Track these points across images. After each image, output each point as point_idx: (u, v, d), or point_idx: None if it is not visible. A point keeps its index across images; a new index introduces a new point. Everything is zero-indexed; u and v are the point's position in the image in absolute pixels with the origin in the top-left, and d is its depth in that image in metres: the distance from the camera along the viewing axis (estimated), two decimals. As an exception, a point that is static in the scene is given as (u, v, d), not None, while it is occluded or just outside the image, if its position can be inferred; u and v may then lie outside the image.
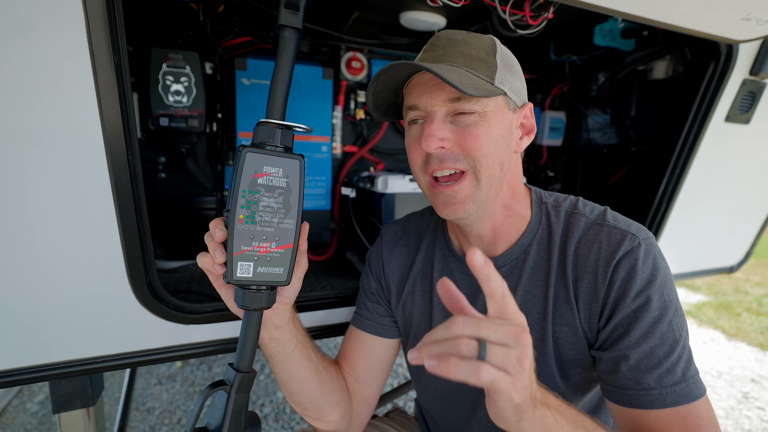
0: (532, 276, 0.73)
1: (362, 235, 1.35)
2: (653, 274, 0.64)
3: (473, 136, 0.65)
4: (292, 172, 0.59)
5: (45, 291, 0.80)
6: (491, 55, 0.67)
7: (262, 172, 0.57)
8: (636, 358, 0.62)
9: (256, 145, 0.58)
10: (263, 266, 0.59)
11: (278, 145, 0.59)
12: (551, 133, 1.81)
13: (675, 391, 0.61)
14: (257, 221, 0.58)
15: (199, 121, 1.24)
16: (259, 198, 0.57)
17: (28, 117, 0.69)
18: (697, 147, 1.29)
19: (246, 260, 0.58)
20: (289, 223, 0.60)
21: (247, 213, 0.57)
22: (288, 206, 0.60)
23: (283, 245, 0.60)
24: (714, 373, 2.82)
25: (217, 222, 0.59)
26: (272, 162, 0.58)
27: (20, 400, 2.24)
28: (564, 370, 0.71)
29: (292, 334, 0.71)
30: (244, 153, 0.57)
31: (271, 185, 0.58)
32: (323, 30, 1.35)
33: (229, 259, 0.57)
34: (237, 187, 0.56)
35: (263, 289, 0.61)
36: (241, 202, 0.56)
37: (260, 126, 0.59)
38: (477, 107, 0.65)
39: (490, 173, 0.67)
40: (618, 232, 0.67)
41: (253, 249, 0.58)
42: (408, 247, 0.90)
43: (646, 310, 0.62)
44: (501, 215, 0.75)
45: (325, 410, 0.78)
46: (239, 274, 0.58)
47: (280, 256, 0.60)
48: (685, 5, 0.90)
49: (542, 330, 0.71)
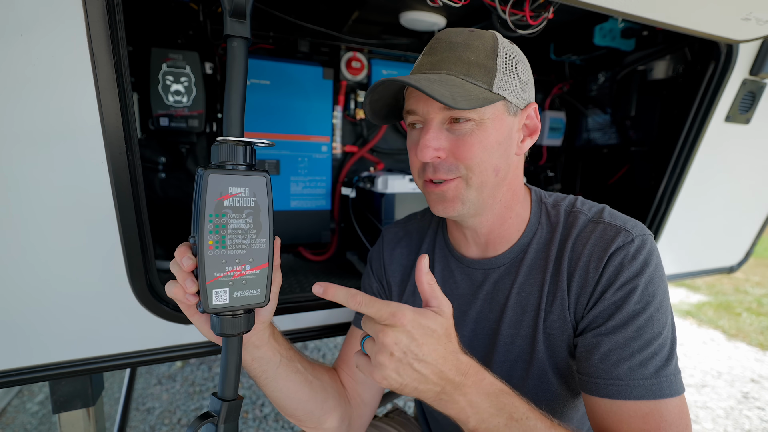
0: (528, 274, 0.73)
1: (362, 235, 1.35)
2: (642, 268, 0.64)
3: (467, 145, 0.66)
4: (259, 190, 0.57)
5: (45, 291, 0.80)
6: (491, 58, 0.66)
7: (227, 193, 0.54)
8: (608, 346, 0.62)
9: (218, 166, 0.55)
10: (239, 290, 0.57)
11: (241, 163, 0.56)
12: (551, 133, 1.82)
13: (642, 385, 0.60)
14: (228, 245, 0.55)
15: (199, 121, 1.24)
16: (228, 220, 0.54)
17: (28, 117, 0.69)
18: (697, 147, 1.29)
19: (221, 287, 0.55)
20: (261, 242, 0.57)
21: (216, 238, 0.54)
22: (258, 225, 0.57)
23: (257, 266, 0.58)
24: (714, 373, 2.82)
25: (183, 249, 0.57)
26: (237, 182, 0.55)
27: (20, 400, 2.24)
28: (557, 367, 0.71)
29: (274, 351, 0.70)
30: (206, 175, 0.53)
31: (239, 206, 0.55)
32: (323, 30, 1.35)
33: (203, 288, 0.54)
34: (203, 212, 0.53)
35: (240, 314, 0.58)
36: (209, 227, 0.53)
37: (219, 145, 0.56)
38: (473, 115, 0.65)
39: (482, 180, 0.68)
40: (613, 229, 0.67)
41: (227, 274, 0.55)
42: (409, 248, 0.90)
43: (627, 301, 0.62)
44: (500, 216, 0.75)
45: (322, 418, 0.77)
46: (215, 302, 0.55)
47: (256, 277, 0.58)
48: (685, 5, 0.90)
49: (535, 326, 0.71)
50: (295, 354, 0.75)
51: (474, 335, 0.79)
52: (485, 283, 0.77)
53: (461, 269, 0.81)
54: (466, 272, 0.80)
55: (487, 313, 0.77)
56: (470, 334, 0.79)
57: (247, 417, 2.18)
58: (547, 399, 0.73)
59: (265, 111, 1.29)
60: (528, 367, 0.72)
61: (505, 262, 0.76)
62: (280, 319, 1.07)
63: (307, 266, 1.40)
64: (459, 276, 0.81)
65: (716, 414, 2.38)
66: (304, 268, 1.38)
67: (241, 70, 0.58)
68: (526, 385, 0.73)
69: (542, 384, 0.72)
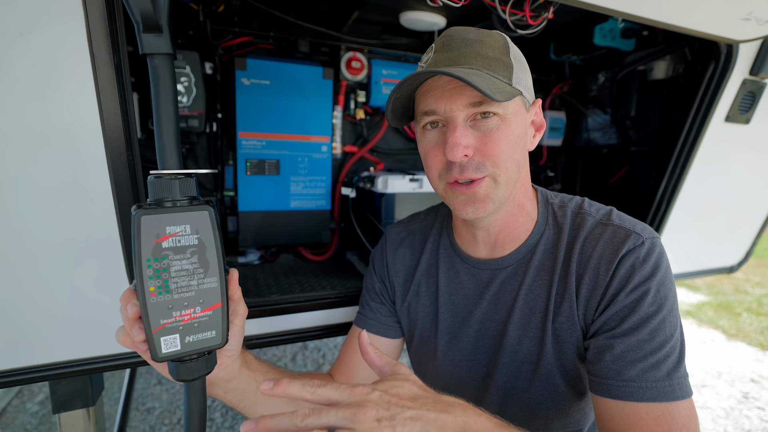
0: (536, 275, 0.73)
1: (362, 235, 1.35)
2: (653, 271, 0.64)
3: (495, 141, 0.64)
4: (202, 225, 0.51)
5: (45, 291, 0.80)
6: (506, 54, 0.66)
7: (165, 234, 0.49)
8: (621, 348, 0.62)
9: (154, 204, 0.50)
10: (191, 334, 0.52)
11: (179, 198, 0.51)
12: (551, 133, 1.82)
13: (655, 387, 0.60)
14: (173, 289, 0.50)
15: (199, 121, 1.24)
16: (169, 263, 0.49)
17: (28, 117, 0.69)
18: (697, 147, 1.29)
19: (169, 333, 0.50)
20: (211, 281, 0.53)
21: (158, 283, 0.49)
22: (206, 264, 0.52)
23: (209, 306, 0.53)
24: (714, 373, 2.82)
25: (127, 296, 0.52)
26: (175, 220, 0.50)
27: (20, 400, 2.24)
28: (564, 369, 0.71)
29: (248, 380, 0.68)
30: (138, 216, 0.48)
31: (180, 246, 0.50)
32: (323, 30, 1.35)
33: (149, 337, 0.49)
34: (139, 257, 0.48)
35: (195, 358, 0.54)
36: (148, 273, 0.48)
37: (154, 180, 0.50)
38: (499, 110, 0.64)
39: (508, 176, 0.67)
40: (622, 231, 0.67)
41: (175, 320, 0.50)
42: (413, 248, 0.90)
43: (641, 304, 0.62)
44: (514, 213, 0.75)
45: None
46: (165, 351, 0.50)
47: (209, 318, 0.53)
48: (685, 5, 0.90)
49: (543, 328, 0.71)
50: (275, 374, 0.73)
51: (479, 336, 0.79)
52: (492, 284, 0.77)
53: (467, 269, 0.81)
54: (472, 272, 0.80)
55: (493, 313, 0.77)
56: (475, 335, 0.79)
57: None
58: (553, 400, 0.72)
59: (265, 111, 1.30)
60: (535, 368, 0.72)
61: (513, 262, 0.76)
62: (280, 319, 1.07)
63: (307, 266, 1.40)
64: (464, 276, 0.81)
65: (716, 414, 2.38)
66: (304, 268, 1.38)
67: (169, 91, 0.52)
68: (533, 387, 0.73)
69: (549, 386, 0.72)
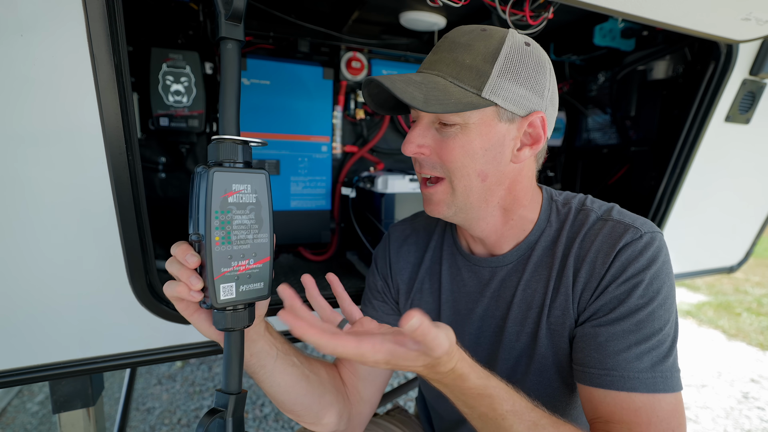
0: (534, 271, 0.74)
1: (362, 235, 1.35)
2: (648, 264, 0.64)
3: (448, 148, 0.67)
4: (260, 186, 0.59)
5: (45, 291, 0.80)
6: (489, 62, 0.64)
7: (231, 190, 0.56)
8: (605, 337, 0.62)
9: (218, 164, 0.57)
10: (245, 284, 0.59)
11: (240, 161, 0.58)
12: (551, 133, 1.82)
13: (637, 377, 0.60)
14: (233, 240, 0.57)
15: (199, 121, 1.24)
16: (232, 217, 0.57)
17: (28, 117, 0.69)
18: (697, 147, 1.29)
19: (228, 281, 0.57)
20: (263, 237, 0.60)
21: (222, 234, 0.56)
22: (260, 221, 0.60)
23: (260, 260, 0.60)
24: (714, 373, 2.82)
25: (185, 248, 0.57)
26: (240, 179, 0.57)
27: (20, 400, 2.24)
28: (559, 363, 0.72)
29: (270, 344, 0.71)
30: (212, 173, 0.55)
31: (242, 202, 0.58)
32: (323, 30, 1.35)
33: (210, 284, 0.56)
34: (209, 209, 0.55)
35: (241, 308, 0.60)
36: (215, 224, 0.55)
37: (219, 143, 0.57)
38: (458, 119, 0.65)
39: (466, 184, 0.69)
40: (621, 226, 0.67)
41: (234, 269, 0.57)
42: (417, 245, 0.90)
43: (631, 295, 0.63)
44: (500, 219, 0.75)
45: (320, 413, 0.78)
46: (223, 297, 0.57)
47: (259, 271, 0.60)
48: (685, 5, 0.90)
49: (538, 322, 0.72)
50: (291, 348, 0.76)
51: (480, 332, 0.79)
52: (492, 281, 0.78)
53: (468, 267, 0.81)
54: (474, 270, 0.80)
55: (493, 310, 0.78)
56: (476, 332, 0.80)
57: (248, 417, 2.18)
58: (548, 395, 0.73)
59: (265, 111, 1.29)
60: (530, 362, 0.73)
61: (513, 260, 0.76)
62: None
63: (307, 266, 1.40)
64: (466, 274, 0.81)
65: (716, 414, 2.38)
66: (304, 268, 1.37)
67: (236, 72, 0.59)
68: (527, 381, 0.73)
69: (543, 380, 0.73)
